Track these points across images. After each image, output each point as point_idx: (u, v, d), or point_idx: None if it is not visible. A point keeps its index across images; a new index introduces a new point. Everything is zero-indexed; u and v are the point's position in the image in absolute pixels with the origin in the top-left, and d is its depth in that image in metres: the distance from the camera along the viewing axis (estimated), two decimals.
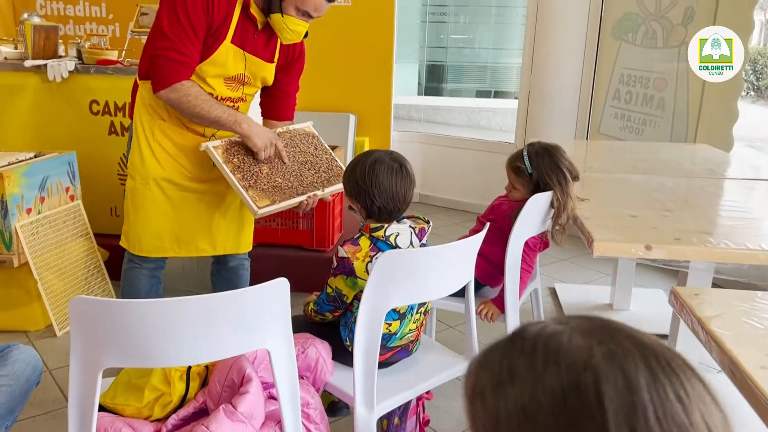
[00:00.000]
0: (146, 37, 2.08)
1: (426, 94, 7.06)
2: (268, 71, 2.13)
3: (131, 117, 2.14)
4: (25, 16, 3.18)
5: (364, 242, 1.64)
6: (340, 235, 3.43)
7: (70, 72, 3.06)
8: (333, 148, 3.55)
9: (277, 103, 2.27)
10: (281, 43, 2.11)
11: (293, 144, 2.19)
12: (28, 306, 2.70)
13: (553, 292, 3.33)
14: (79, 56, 3.18)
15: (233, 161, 2.01)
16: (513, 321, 2.09)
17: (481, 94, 7.33)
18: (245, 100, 2.17)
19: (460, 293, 1.75)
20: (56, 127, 3.13)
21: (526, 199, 2.04)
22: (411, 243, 1.66)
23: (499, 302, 2.13)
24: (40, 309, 2.70)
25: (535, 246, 2.23)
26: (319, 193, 2.09)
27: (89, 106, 3.13)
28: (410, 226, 1.68)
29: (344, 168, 1.89)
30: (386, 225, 1.65)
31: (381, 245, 1.63)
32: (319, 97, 4.71)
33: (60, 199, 2.84)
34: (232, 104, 2.09)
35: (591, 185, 2.47)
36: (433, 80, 7.27)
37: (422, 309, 1.76)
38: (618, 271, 3.12)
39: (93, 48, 3.28)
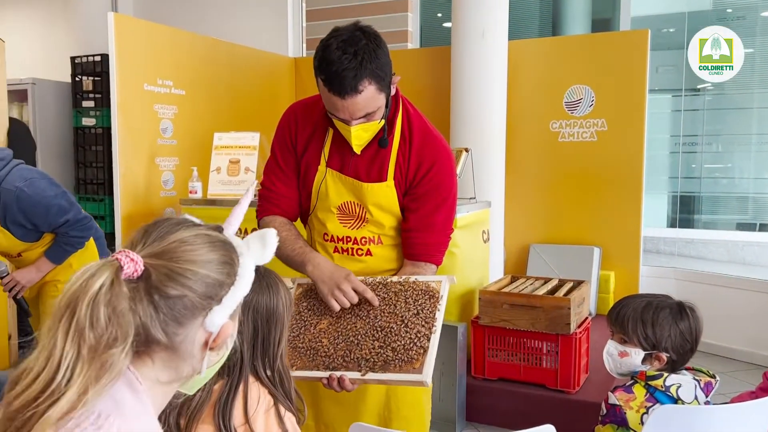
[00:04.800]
0: None
1: (677, 226, 6.58)
2: (383, 195, 1.68)
3: None
4: None
5: (639, 390, 1.50)
6: (586, 376, 3.19)
7: None
8: (579, 282, 3.41)
9: (401, 236, 1.75)
10: (397, 158, 1.69)
11: (393, 300, 1.57)
12: None
13: None
14: None
15: (301, 305, 1.68)
16: None
17: (743, 226, 6.60)
18: (379, 242, 1.74)
19: None
20: None
21: None
22: (696, 398, 1.47)
23: None
24: None
25: None
26: (351, 375, 1.47)
27: None
28: (694, 378, 1.49)
29: (427, 351, 1.45)
30: (665, 374, 1.49)
31: (659, 396, 1.47)
32: (561, 229, 4.64)
33: None
34: (358, 247, 1.74)
35: None
36: (685, 211, 6.77)
37: None
38: None
39: None
